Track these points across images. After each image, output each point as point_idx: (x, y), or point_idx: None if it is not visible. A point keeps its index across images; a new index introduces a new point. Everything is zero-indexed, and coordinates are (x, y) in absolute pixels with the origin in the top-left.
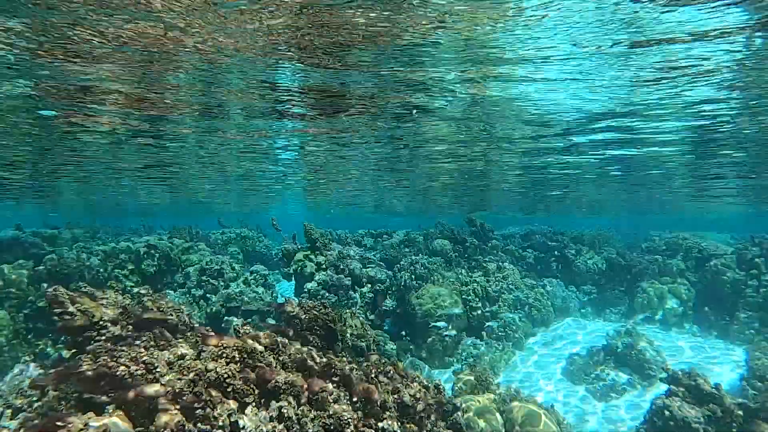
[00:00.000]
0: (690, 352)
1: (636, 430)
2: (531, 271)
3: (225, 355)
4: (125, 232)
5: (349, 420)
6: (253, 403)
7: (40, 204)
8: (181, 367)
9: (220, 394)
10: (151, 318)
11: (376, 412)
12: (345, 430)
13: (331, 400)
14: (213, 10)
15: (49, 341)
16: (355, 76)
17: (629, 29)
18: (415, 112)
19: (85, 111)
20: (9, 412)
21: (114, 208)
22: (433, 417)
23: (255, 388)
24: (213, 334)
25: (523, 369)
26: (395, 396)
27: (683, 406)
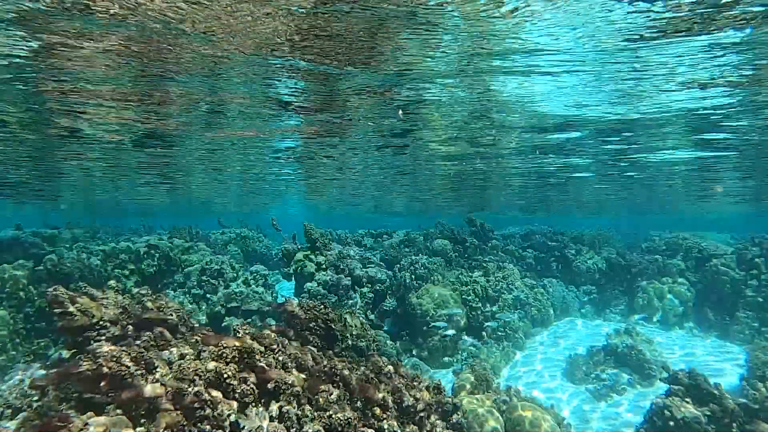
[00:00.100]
0: (690, 352)
1: (636, 430)
2: (531, 271)
3: (225, 355)
4: (125, 232)
5: (349, 420)
6: (253, 403)
7: (40, 204)
8: (181, 367)
9: (220, 394)
10: (151, 318)
11: (376, 412)
12: (345, 430)
13: (331, 400)
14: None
15: (49, 341)
16: (354, 71)
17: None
18: (401, 113)
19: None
20: (9, 412)
21: (114, 208)
22: (433, 417)
23: (255, 388)
24: (213, 334)
25: (522, 369)
26: (395, 396)
27: (683, 406)
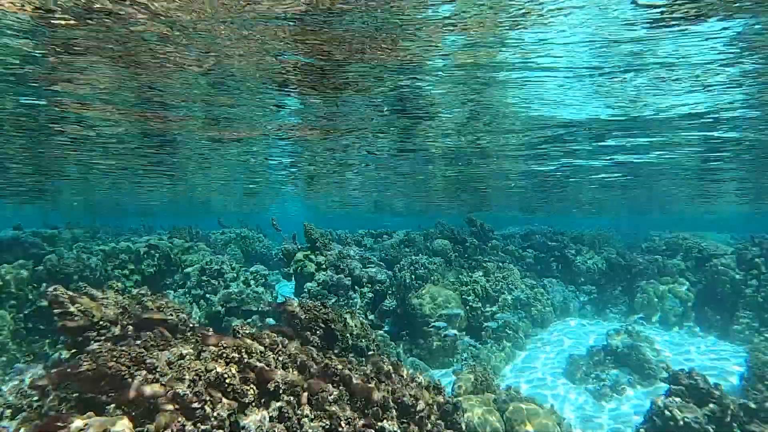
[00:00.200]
0: (690, 352)
1: (636, 430)
2: (531, 271)
3: (225, 355)
4: (125, 232)
5: (349, 420)
6: (253, 403)
7: (40, 204)
8: (181, 367)
9: (220, 394)
10: (151, 318)
11: (376, 412)
12: (345, 430)
13: (331, 401)
14: None
15: (49, 341)
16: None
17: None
18: (386, 109)
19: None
20: (9, 412)
21: (114, 208)
22: (433, 417)
23: (255, 388)
24: (213, 334)
25: (522, 369)
26: (395, 396)
27: (683, 406)
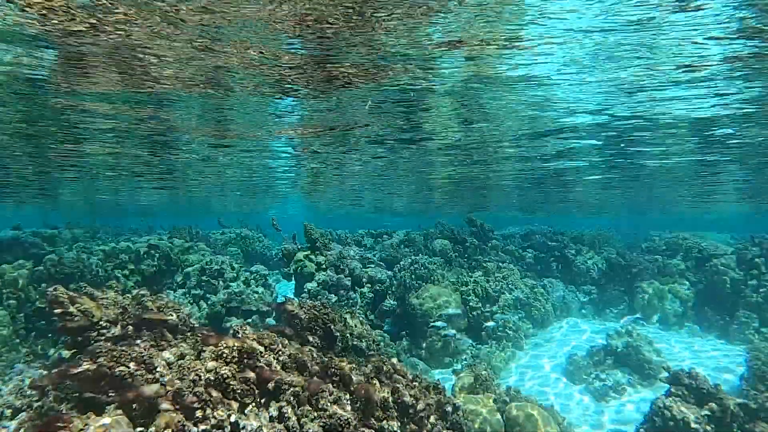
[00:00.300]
0: (690, 352)
1: (636, 430)
2: (531, 271)
3: (225, 355)
4: (125, 232)
5: (349, 420)
6: (253, 403)
7: (40, 204)
8: (181, 368)
9: (220, 395)
10: (151, 318)
11: (376, 412)
12: (345, 430)
13: (330, 401)
14: None
15: (49, 341)
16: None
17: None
18: (370, 101)
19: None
20: (9, 412)
21: (114, 208)
22: (433, 417)
23: (255, 388)
24: (213, 334)
25: (522, 369)
26: (395, 396)
27: (683, 406)
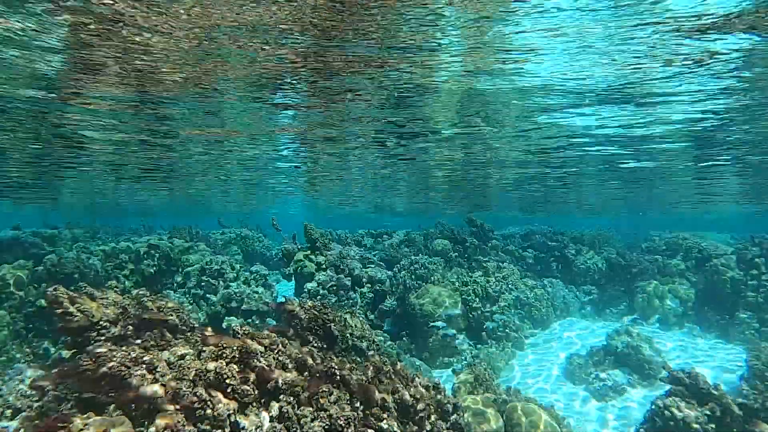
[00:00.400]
0: (690, 352)
1: (636, 430)
2: (531, 271)
3: (225, 355)
4: (125, 232)
5: (349, 420)
6: (253, 404)
7: (40, 204)
8: (181, 368)
9: (220, 394)
10: (151, 318)
11: (376, 412)
12: (345, 430)
13: (330, 401)
14: None
15: (49, 341)
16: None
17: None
18: (350, 95)
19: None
20: (9, 412)
21: (114, 208)
22: (433, 417)
23: (255, 388)
24: (213, 334)
25: (522, 369)
26: (395, 396)
27: (683, 406)
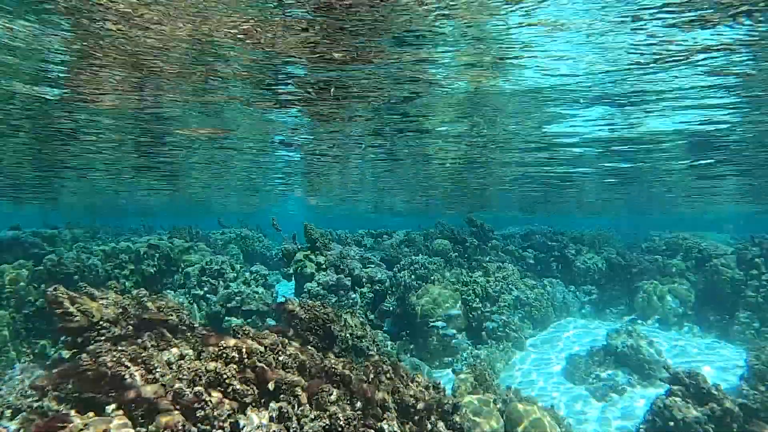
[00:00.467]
0: (690, 352)
1: (636, 430)
2: (531, 271)
3: (225, 355)
4: (125, 232)
5: (349, 420)
6: (253, 404)
7: (40, 204)
8: (181, 368)
9: (220, 395)
10: (151, 318)
11: (376, 412)
12: (345, 430)
13: (330, 401)
14: None
15: (49, 341)
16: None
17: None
18: (332, 89)
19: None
20: (9, 412)
21: (114, 208)
22: (433, 417)
23: (255, 388)
24: (213, 334)
25: (522, 369)
26: (395, 396)
27: (683, 406)
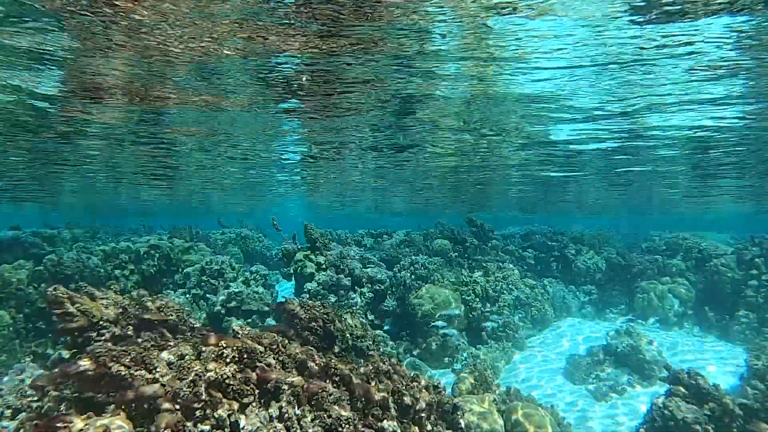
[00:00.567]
0: (690, 352)
1: (636, 430)
2: (531, 271)
3: (225, 355)
4: (125, 232)
5: (349, 420)
6: (253, 403)
7: (40, 204)
8: (181, 368)
9: (220, 395)
10: (151, 318)
11: (376, 412)
12: (345, 430)
13: (331, 401)
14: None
15: (49, 341)
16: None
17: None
18: (305, 78)
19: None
20: (9, 412)
21: (114, 208)
22: (433, 417)
23: (255, 388)
24: (213, 334)
25: (522, 369)
26: (395, 396)
27: (683, 406)
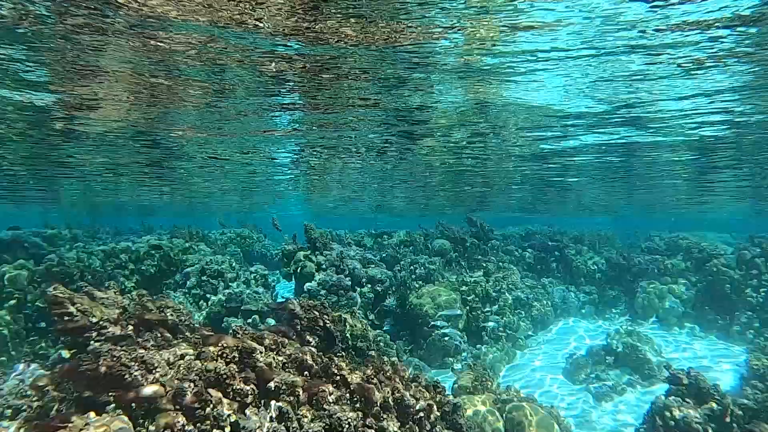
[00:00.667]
0: (690, 352)
1: (636, 430)
2: (531, 271)
3: (225, 355)
4: (125, 232)
5: (349, 420)
6: (253, 403)
7: (40, 204)
8: (181, 368)
9: (220, 395)
10: (151, 318)
11: (376, 412)
12: (345, 430)
13: (330, 401)
14: None
15: (49, 341)
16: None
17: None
18: (273, 65)
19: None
20: (9, 412)
21: (114, 208)
22: (433, 417)
23: (255, 388)
24: (213, 334)
25: (522, 369)
26: (395, 396)
27: (683, 405)
